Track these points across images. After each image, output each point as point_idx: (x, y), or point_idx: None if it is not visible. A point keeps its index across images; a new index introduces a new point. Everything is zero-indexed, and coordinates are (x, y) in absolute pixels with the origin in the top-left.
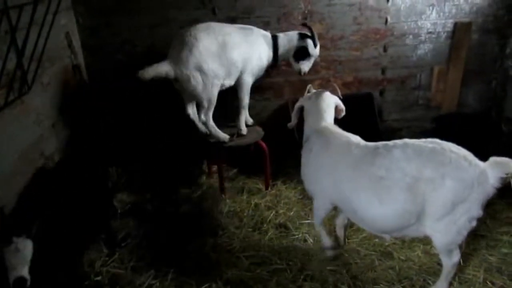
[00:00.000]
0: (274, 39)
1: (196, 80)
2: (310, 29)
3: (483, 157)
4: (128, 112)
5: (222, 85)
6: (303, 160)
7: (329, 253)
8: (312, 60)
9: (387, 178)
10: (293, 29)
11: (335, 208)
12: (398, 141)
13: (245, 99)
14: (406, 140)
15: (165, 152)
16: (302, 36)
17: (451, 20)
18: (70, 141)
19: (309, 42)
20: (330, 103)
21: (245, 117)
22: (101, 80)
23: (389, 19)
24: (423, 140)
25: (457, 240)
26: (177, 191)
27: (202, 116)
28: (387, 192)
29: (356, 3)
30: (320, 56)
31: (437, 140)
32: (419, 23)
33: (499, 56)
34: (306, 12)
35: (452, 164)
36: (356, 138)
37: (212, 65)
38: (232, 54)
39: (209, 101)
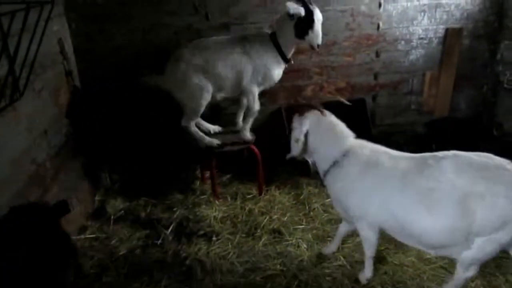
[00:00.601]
0: (273, 37)
1: (182, 93)
2: None
3: None
4: (121, 117)
5: (215, 97)
6: (336, 188)
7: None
8: (317, 27)
9: (436, 190)
10: None
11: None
12: (447, 152)
13: (254, 107)
14: (456, 151)
15: (158, 158)
16: (291, 14)
17: (442, 26)
18: (63, 148)
19: (301, 10)
20: (333, 116)
21: (250, 125)
22: (94, 86)
23: (381, 25)
24: (474, 153)
25: (488, 258)
26: (170, 197)
27: (182, 121)
28: (437, 204)
29: (348, 9)
30: (313, 61)
31: (489, 155)
32: (410, 29)
33: (489, 61)
34: None
35: (507, 183)
36: (394, 151)
37: (195, 80)
38: (217, 69)
39: (194, 111)
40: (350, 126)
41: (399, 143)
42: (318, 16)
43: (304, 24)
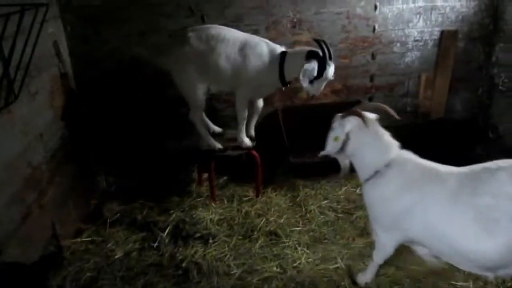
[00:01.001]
0: (282, 55)
1: (180, 77)
2: (321, 46)
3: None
4: (117, 120)
5: (211, 88)
6: (374, 199)
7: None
8: (321, 84)
9: (494, 207)
10: (282, 38)
11: None
12: (501, 162)
13: (239, 113)
14: (510, 160)
15: (155, 160)
16: (309, 56)
17: (437, 28)
18: (59, 151)
19: (314, 64)
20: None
21: (244, 130)
22: (90, 89)
23: (376, 27)
24: None
25: None
26: (167, 200)
27: (190, 115)
28: (496, 223)
29: (344, 12)
30: None
31: None
32: (406, 31)
33: (485, 63)
34: (295, 20)
35: None
36: (440, 165)
37: (192, 68)
38: (218, 61)
39: (194, 101)
40: None
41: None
42: (328, 74)
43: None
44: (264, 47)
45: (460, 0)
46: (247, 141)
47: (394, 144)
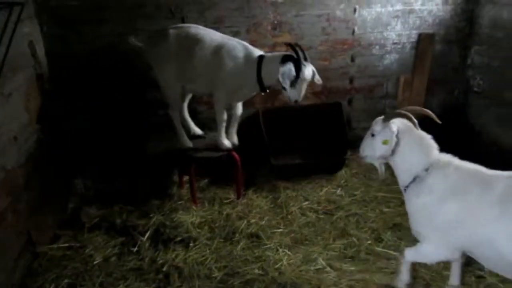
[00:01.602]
0: (260, 60)
1: (157, 70)
2: (294, 50)
3: None
4: (95, 122)
5: (186, 89)
6: (417, 206)
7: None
8: (302, 86)
9: None
10: (262, 40)
11: None
12: None
13: (218, 115)
14: None
15: (135, 163)
16: (284, 60)
17: (415, 31)
18: (34, 155)
19: (290, 65)
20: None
21: (223, 133)
22: (67, 90)
23: (356, 30)
24: None
25: None
26: (147, 203)
27: (169, 110)
28: None
29: (324, 14)
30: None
31: None
32: (385, 34)
33: (460, 66)
34: (275, 22)
35: None
36: (483, 168)
37: (169, 65)
38: (193, 60)
39: (170, 97)
40: (326, 129)
41: None
42: (305, 75)
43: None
44: (241, 51)
45: (437, 4)
46: (226, 143)
47: (435, 147)
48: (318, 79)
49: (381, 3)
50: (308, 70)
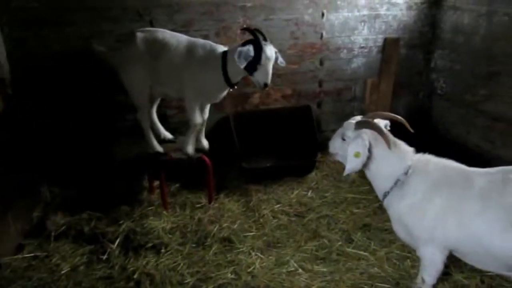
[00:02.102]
0: (224, 55)
1: (124, 74)
2: (252, 32)
3: None
4: (61, 127)
5: (156, 93)
6: (403, 209)
7: None
8: (266, 67)
9: None
10: (232, 43)
11: None
12: None
13: (191, 119)
14: None
15: (103, 168)
16: (244, 44)
17: (381, 36)
18: None
19: (249, 46)
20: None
21: (192, 137)
22: (30, 94)
23: (324, 34)
24: None
25: None
26: (116, 209)
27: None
28: None
29: (292, 19)
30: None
31: None
32: (352, 38)
33: (424, 69)
34: (244, 26)
35: None
36: (463, 166)
37: (136, 68)
38: (161, 64)
39: (138, 101)
40: (296, 132)
41: None
42: (268, 53)
43: (252, 59)
44: (204, 49)
45: (401, 10)
46: (191, 150)
47: (409, 149)
48: (281, 61)
49: (348, 8)
50: (270, 49)
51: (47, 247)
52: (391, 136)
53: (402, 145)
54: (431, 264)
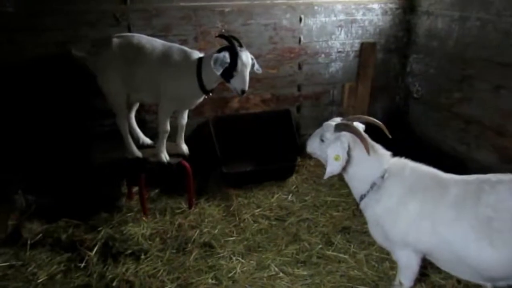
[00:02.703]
0: (199, 62)
1: (101, 79)
2: (227, 39)
3: None
4: (37, 133)
5: (132, 99)
6: (379, 212)
7: None
8: (243, 74)
9: (496, 219)
10: (211, 48)
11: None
12: (503, 176)
13: (161, 124)
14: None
15: (81, 174)
16: (219, 51)
17: (358, 40)
18: None
19: (224, 53)
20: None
21: (164, 145)
22: (4, 100)
23: (302, 39)
24: None
25: None
26: (94, 216)
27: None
28: (498, 234)
29: (271, 23)
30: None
31: None
32: (329, 43)
33: (401, 73)
34: (223, 31)
35: None
36: (439, 172)
37: (112, 73)
38: (136, 70)
39: (115, 106)
40: (276, 136)
41: None
42: (244, 60)
43: (229, 66)
44: (179, 55)
45: (377, 15)
46: (164, 157)
47: (387, 153)
48: (257, 68)
49: (325, 13)
50: (246, 55)
51: (23, 256)
52: (369, 140)
53: (380, 149)
54: (407, 267)
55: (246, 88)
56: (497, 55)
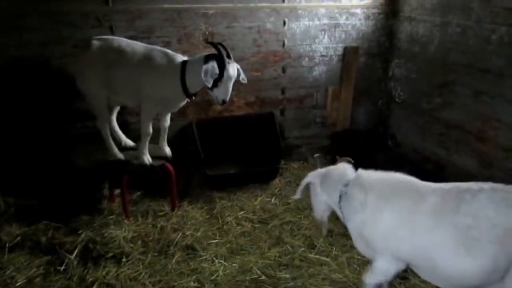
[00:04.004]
0: (183, 65)
1: (80, 82)
2: (216, 48)
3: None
4: (16, 134)
5: (112, 101)
6: (357, 223)
7: None
8: (228, 84)
9: (475, 228)
10: (195, 50)
11: None
12: (484, 185)
13: (143, 127)
14: (493, 184)
15: (61, 177)
16: (207, 59)
17: (341, 45)
18: None
19: (213, 63)
20: None
21: (146, 147)
22: None
23: (286, 42)
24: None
25: None
26: (75, 219)
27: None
28: (476, 243)
29: (255, 26)
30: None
31: None
32: (313, 47)
33: (383, 78)
34: (207, 33)
35: None
36: (417, 180)
37: (92, 76)
38: (117, 74)
39: (95, 109)
40: (260, 139)
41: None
42: (230, 72)
43: (218, 78)
44: (162, 58)
45: (360, 19)
46: (146, 159)
47: (348, 167)
48: (243, 78)
49: (308, 17)
50: (233, 68)
51: (1, 259)
52: (322, 169)
53: (341, 164)
54: (382, 273)
55: (228, 99)
56: (477, 61)
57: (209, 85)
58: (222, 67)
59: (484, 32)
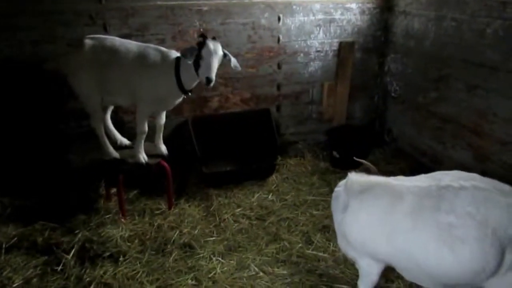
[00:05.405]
0: (177, 61)
1: (73, 81)
2: (201, 35)
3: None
4: (11, 134)
5: (106, 101)
6: (340, 222)
7: None
8: (208, 61)
9: (457, 226)
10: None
11: None
12: (465, 183)
13: (139, 126)
14: (474, 183)
15: (57, 176)
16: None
17: (336, 40)
18: None
19: (194, 46)
20: None
21: (142, 145)
22: None
23: (281, 38)
24: (491, 182)
25: None
26: (71, 219)
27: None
28: (460, 242)
29: (249, 22)
30: (217, 73)
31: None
32: (308, 42)
33: (379, 72)
34: (201, 30)
35: None
36: (390, 179)
37: (84, 75)
38: (110, 73)
39: (89, 108)
40: (256, 135)
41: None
42: (210, 48)
43: (196, 56)
44: (156, 56)
45: (355, 14)
46: (142, 158)
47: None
48: (235, 65)
49: (303, 12)
50: (213, 44)
51: None
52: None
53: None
54: (367, 275)
55: (212, 76)
56: (472, 55)
57: (190, 61)
58: (201, 43)
59: (479, 26)
